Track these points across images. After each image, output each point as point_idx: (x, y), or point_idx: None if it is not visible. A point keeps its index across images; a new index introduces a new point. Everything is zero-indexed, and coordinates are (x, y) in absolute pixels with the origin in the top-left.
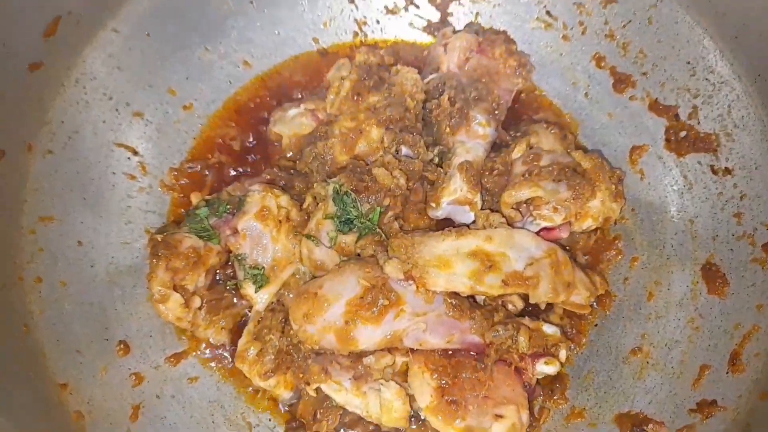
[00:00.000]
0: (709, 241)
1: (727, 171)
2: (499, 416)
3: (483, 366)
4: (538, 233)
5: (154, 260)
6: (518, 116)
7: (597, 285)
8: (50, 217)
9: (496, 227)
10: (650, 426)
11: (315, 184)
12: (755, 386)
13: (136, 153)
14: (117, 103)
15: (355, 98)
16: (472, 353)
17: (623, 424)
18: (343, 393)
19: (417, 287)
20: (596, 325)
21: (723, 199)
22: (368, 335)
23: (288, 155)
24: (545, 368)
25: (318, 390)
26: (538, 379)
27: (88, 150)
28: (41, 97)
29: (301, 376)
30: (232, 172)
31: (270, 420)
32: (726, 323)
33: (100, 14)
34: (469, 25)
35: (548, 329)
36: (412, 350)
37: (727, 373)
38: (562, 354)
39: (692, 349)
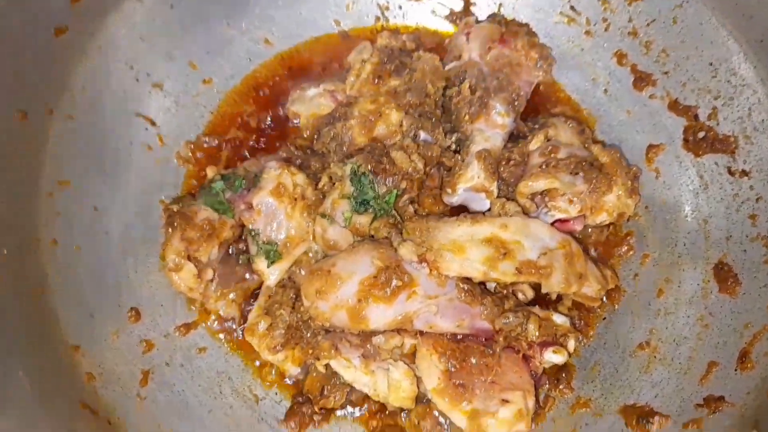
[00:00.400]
0: (723, 241)
1: (744, 173)
2: (505, 401)
3: (491, 352)
4: (552, 224)
5: (170, 229)
6: (536, 109)
7: (608, 278)
8: (67, 181)
9: (511, 215)
10: (656, 418)
11: (332, 164)
12: (764, 384)
13: (153, 124)
14: (138, 73)
15: (376, 81)
16: (481, 339)
17: (628, 415)
18: (351, 370)
19: (430, 270)
20: (604, 318)
21: (738, 200)
22: (380, 315)
23: (305, 135)
24: (553, 357)
25: (327, 366)
26: (544, 368)
27: (108, 118)
28: (64, 62)
29: (310, 351)
30: (249, 149)
31: (276, 394)
32: (736, 322)
33: None
34: (491, 16)
35: (558, 319)
36: (421, 332)
37: (736, 370)
38: (571, 344)
39: (701, 346)
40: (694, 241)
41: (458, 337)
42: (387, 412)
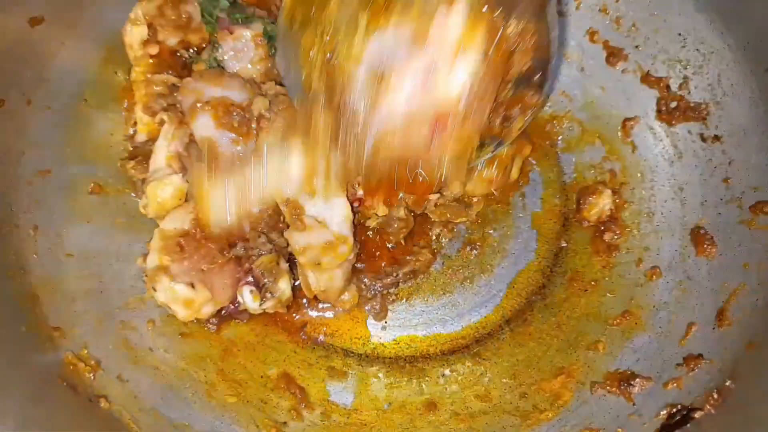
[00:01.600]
0: (698, 206)
1: (717, 138)
2: None
3: None
4: None
5: None
6: None
7: None
8: (48, 170)
9: None
10: (637, 381)
11: None
12: (740, 338)
13: None
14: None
15: None
16: None
17: (612, 381)
18: None
19: None
20: (586, 290)
21: (712, 165)
22: None
23: None
24: None
25: None
26: None
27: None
28: (42, 53)
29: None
30: None
31: (262, 377)
32: (713, 283)
33: None
34: None
35: None
36: None
37: (714, 328)
38: None
39: (680, 309)
40: (671, 209)
41: None
42: None
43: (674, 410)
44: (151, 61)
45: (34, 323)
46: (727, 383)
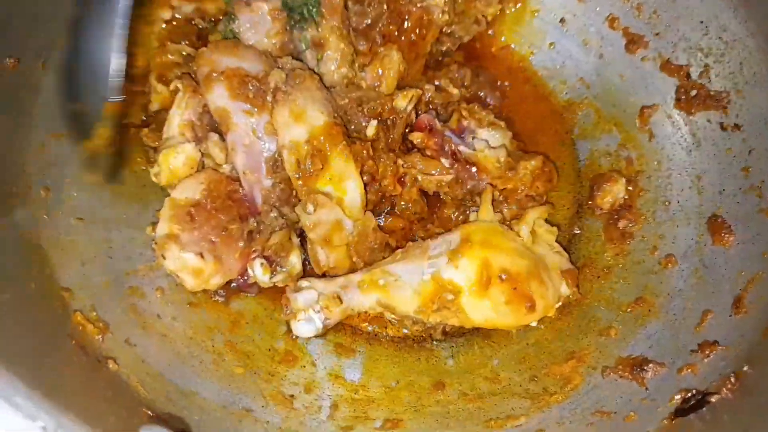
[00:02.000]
0: (716, 195)
1: (737, 127)
2: None
3: None
4: None
5: None
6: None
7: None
8: (60, 134)
9: None
10: (650, 366)
11: None
12: (758, 324)
13: None
14: None
15: None
16: None
17: (624, 366)
18: None
19: None
20: (598, 277)
21: (731, 154)
22: None
23: None
24: None
25: None
26: None
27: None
28: (57, 15)
29: None
30: None
31: (269, 350)
32: (730, 272)
33: None
34: None
35: None
36: None
37: (730, 315)
38: None
39: (695, 297)
40: (687, 198)
41: None
42: None
43: (689, 395)
44: (164, 26)
45: (44, 282)
46: (745, 368)
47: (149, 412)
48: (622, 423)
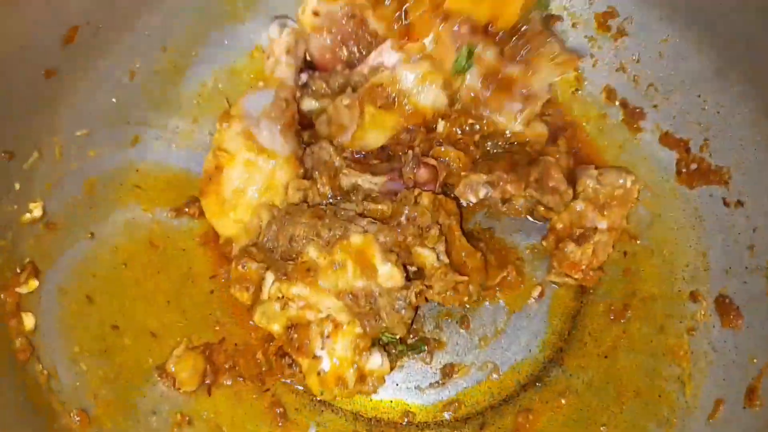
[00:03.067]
0: (722, 273)
1: (740, 203)
2: None
3: None
4: None
5: None
6: None
7: None
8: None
9: None
10: None
11: None
12: None
13: None
14: None
15: None
16: None
17: None
18: None
19: None
20: (606, 357)
21: (735, 231)
22: None
23: None
24: None
25: None
26: None
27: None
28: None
29: None
30: None
31: None
32: (740, 357)
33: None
34: None
35: None
36: None
37: (744, 407)
38: None
39: (705, 384)
40: (693, 274)
41: None
42: None
43: None
44: None
45: None
46: None
47: None
48: None
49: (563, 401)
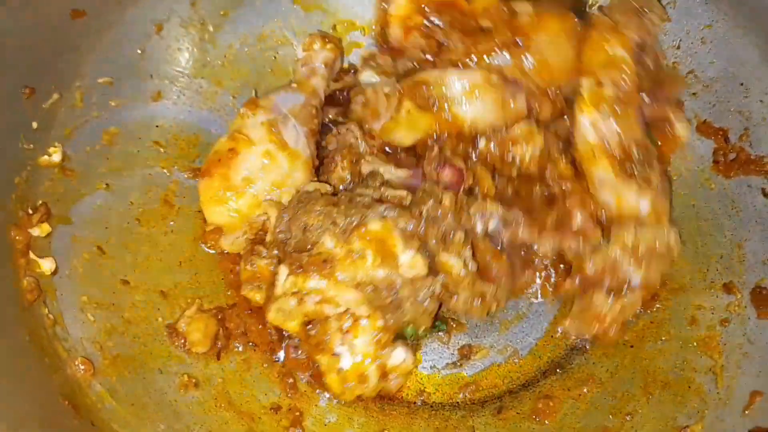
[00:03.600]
0: (759, 265)
1: None
2: None
3: None
4: None
5: None
6: None
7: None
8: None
9: None
10: None
11: None
12: None
13: None
14: None
15: None
16: None
17: None
18: None
19: None
20: (632, 346)
21: None
22: None
23: None
24: None
25: None
26: None
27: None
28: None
29: None
30: None
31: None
32: None
33: None
34: None
35: None
36: None
37: None
38: None
39: (741, 376)
40: (727, 266)
41: None
42: None
43: None
44: None
45: None
46: None
47: None
48: None
49: (585, 390)
